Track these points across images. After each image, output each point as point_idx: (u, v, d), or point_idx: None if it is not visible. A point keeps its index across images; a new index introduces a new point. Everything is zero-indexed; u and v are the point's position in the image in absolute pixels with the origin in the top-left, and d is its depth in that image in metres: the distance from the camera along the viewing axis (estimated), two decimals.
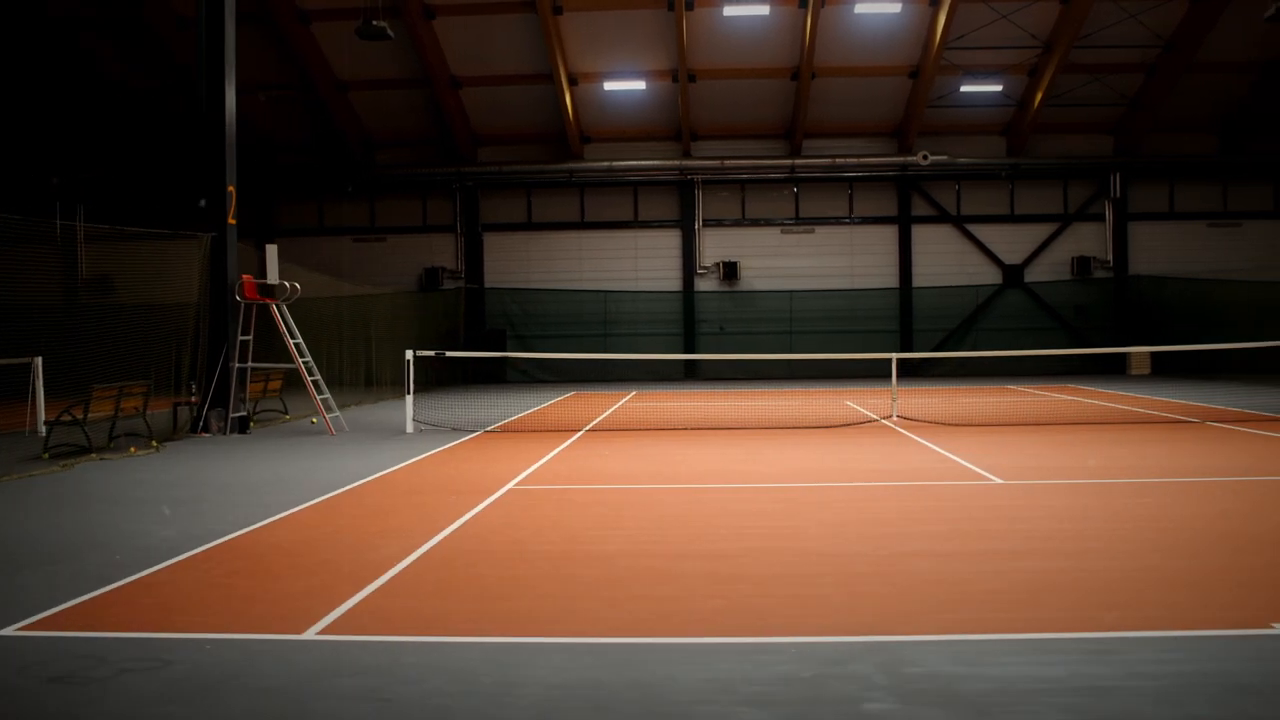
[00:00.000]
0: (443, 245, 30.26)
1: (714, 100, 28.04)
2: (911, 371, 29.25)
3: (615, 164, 28.72)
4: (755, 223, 29.95)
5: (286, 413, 17.37)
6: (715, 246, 29.89)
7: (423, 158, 29.93)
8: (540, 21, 24.68)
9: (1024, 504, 8.17)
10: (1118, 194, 29.20)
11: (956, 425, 14.27)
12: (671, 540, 6.95)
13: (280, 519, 7.84)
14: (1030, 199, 29.73)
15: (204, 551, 6.68)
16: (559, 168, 28.97)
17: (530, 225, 30.26)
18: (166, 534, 7.25)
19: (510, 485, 9.40)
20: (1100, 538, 6.80)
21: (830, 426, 14.48)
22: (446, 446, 12.71)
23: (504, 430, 14.84)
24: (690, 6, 24.68)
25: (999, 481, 9.22)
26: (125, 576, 5.98)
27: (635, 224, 30.02)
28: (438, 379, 26.88)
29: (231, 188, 14.89)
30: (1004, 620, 4.91)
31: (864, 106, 28.28)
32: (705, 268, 29.73)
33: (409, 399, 14.80)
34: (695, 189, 29.50)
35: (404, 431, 14.48)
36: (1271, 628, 4.70)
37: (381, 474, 10.30)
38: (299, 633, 4.85)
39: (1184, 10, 25.14)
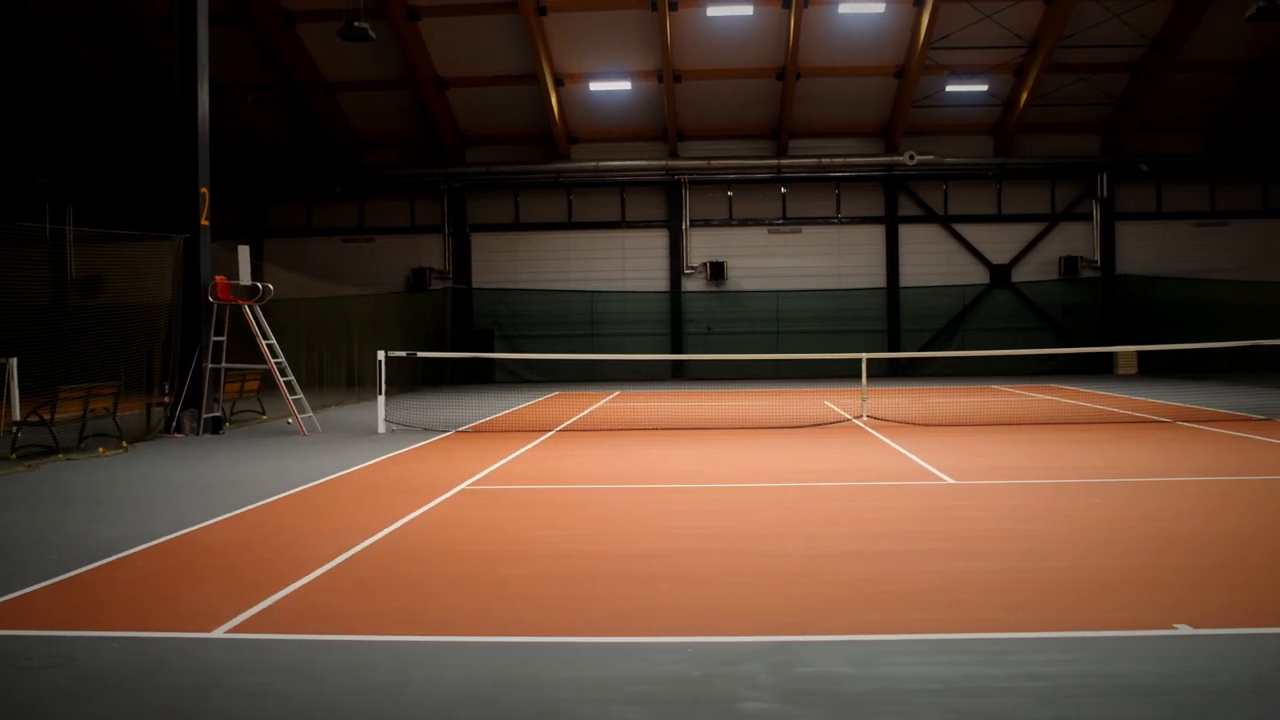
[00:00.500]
0: (430, 246, 30.33)
1: (700, 100, 28.07)
2: (899, 371, 29.30)
3: (602, 164, 28.77)
4: (743, 223, 29.99)
5: (264, 413, 17.43)
6: (703, 246, 29.93)
7: (410, 158, 30.01)
8: (524, 23, 24.71)
9: (967, 504, 8.19)
10: (1105, 194, 29.19)
11: (927, 425, 14.29)
12: (608, 540, 6.99)
13: (224, 519, 7.89)
14: (1017, 199, 29.73)
15: (140, 551, 6.73)
16: (546, 168, 29.03)
17: (518, 225, 30.33)
18: (109, 534, 7.30)
19: (464, 485, 9.44)
20: (1033, 539, 6.82)
21: (802, 426, 14.51)
22: (413, 446, 12.76)
23: (476, 430, 14.89)
24: (674, 7, 24.72)
25: (950, 481, 9.25)
26: (55, 575, 6.03)
27: (623, 224, 30.07)
28: (424, 379, 26.95)
29: (204, 189, 14.96)
30: (911, 621, 4.94)
31: (850, 106, 28.30)
32: (692, 268, 29.76)
33: (381, 399, 14.85)
34: (682, 189, 29.55)
35: (376, 432, 14.53)
36: (1174, 628, 4.73)
37: (339, 474, 10.35)
38: (208, 631, 4.89)
39: (1168, 10, 25.12)
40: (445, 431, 14.57)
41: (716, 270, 29.38)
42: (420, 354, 16.44)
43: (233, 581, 5.89)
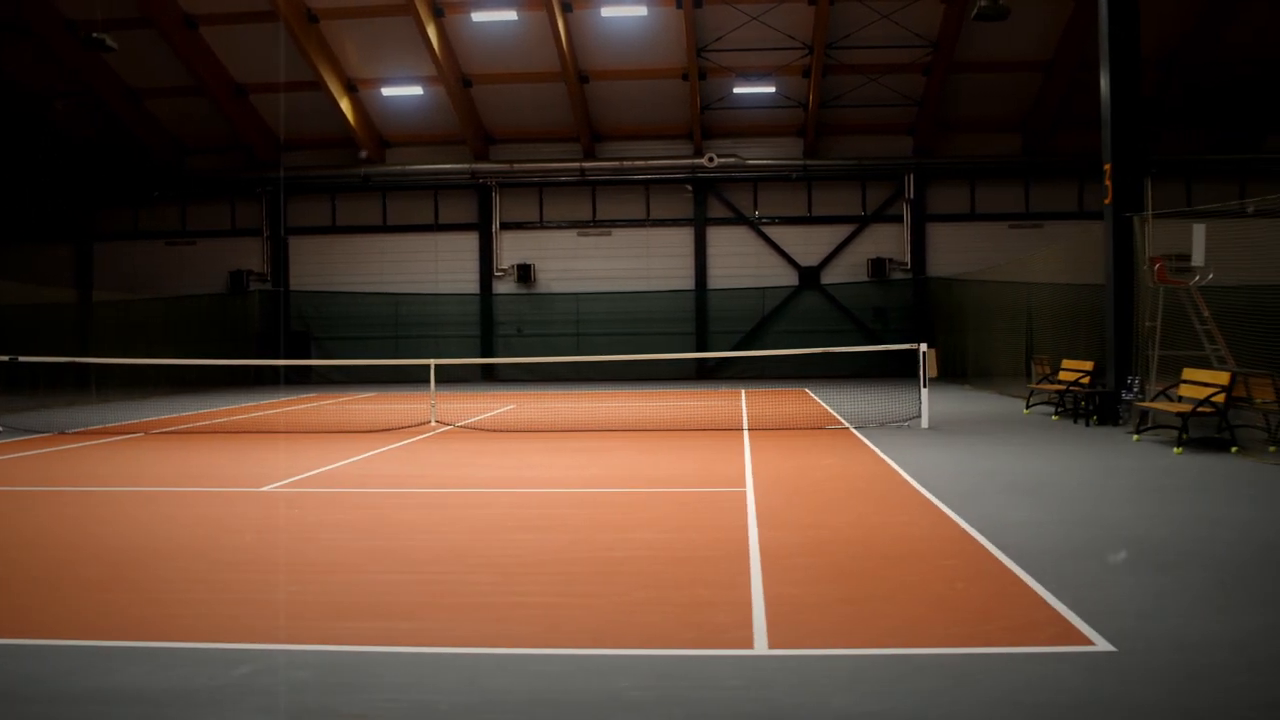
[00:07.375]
0: (251, 248, 30.83)
1: (500, 104, 28.33)
2: (707, 374, 29.36)
3: (409, 168, 29.13)
4: (553, 225, 30.19)
5: None
6: (514, 249, 30.17)
7: (232, 163, 30.51)
8: (292, 30, 25.07)
9: (202, 512, 8.43)
10: (912, 195, 29.04)
11: (493, 431, 14.48)
12: None
13: None
14: (828, 200, 29.65)
15: None
16: (354, 172, 29.42)
17: (335, 229, 30.76)
18: None
19: None
20: (191, 551, 7.04)
21: (372, 431, 14.76)
22: None
23: (80, 433, 15.27)
24: (441, 13, 24.99)
25: (265, 490, 9.45)
26: None
27: (436, 227, 30.40)
28: (222, 380, 27.49)
29: None
30: None
31: (650, 109, 28.40)
32: (503, 270, 30.02)
33: None
34: (493, 192, 29.80)
35: None
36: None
37: None
38: None
39: (941, 11, 24.96)
40: (47, 433, 14.99)
41: (524, 273, 29.62)
42: (23, 359, 16.75)
43: None
